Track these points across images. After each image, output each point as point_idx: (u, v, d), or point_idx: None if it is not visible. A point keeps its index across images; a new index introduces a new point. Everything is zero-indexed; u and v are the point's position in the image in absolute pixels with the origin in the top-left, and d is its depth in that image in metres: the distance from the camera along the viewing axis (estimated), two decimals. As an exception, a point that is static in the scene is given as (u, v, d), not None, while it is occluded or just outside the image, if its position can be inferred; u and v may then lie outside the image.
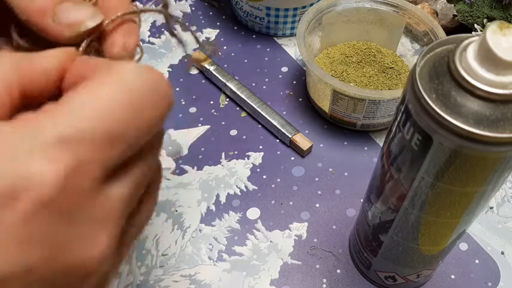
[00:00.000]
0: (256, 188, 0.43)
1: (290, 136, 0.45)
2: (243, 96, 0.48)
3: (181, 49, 0.49)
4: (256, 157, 0.45)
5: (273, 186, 0.43)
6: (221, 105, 0.49)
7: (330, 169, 0.44)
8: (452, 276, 0.39)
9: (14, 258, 0.15)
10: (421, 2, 0.53)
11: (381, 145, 0.43)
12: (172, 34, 0.22)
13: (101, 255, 0.16)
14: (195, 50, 0.53)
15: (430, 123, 0.22)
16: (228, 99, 0.50)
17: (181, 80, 0.51)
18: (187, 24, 0.21)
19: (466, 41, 0.22)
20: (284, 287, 0.38)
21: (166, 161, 0.45)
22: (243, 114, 0.49)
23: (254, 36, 0.55)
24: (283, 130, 0.45)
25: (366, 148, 0.46)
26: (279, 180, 0.44)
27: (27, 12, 0.19)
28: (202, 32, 0.55)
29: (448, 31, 0.51)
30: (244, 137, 0.47)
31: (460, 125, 0.20)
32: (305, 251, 0.40)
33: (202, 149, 0.46)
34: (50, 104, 0.16)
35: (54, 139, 0.15)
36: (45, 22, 0.19)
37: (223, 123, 0.48)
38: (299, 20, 0.50)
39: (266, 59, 0.53)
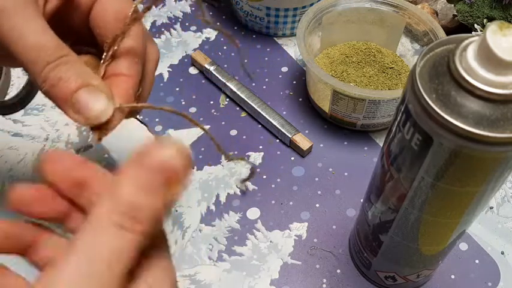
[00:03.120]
0: (256, 188, 0.43)
1: (290, 136, 0.45)
2: (243, 96, 0.48)
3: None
4: (256, 157, 0.45)
5: (273, 186, 0.43)
6: (221, 105, 0.49)
7: (330, 169, 0.44)
8: (452, 276, 0.39)
9: None
10: (421, 2, 0.53)
11: (381, 145, 0.43)
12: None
13: None
14: (195, 50, 0.53)
15: (430, 124, 0.22)
16: (228, 99, 0.50)
17: (181, 80, 0.51)
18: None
19: (466, 41, 0.22)
20: (284, 287, 0.38)
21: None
22: (243, 114, 0.49)
23: (254, 36, 0.55)
24: (283, 130, 0.45)
25: (366, 148, 0.46)
26: (279, 180, 0.44)
27: (53, 98, 0.22)
28: (202, 32, 0.55)
29: (448, 31, 0.51)
30: (244, 137, 0.47)
31: (460, 125, 0.20)
32: (305, 251, 0.40)
33: (202, 149, 0.46)
34: None
35: None
36: (65, 109, 0.21)
37: (223, 123, 0.48)
38: (299, 20, 0.50)
39: (266, 59, 0.53)
